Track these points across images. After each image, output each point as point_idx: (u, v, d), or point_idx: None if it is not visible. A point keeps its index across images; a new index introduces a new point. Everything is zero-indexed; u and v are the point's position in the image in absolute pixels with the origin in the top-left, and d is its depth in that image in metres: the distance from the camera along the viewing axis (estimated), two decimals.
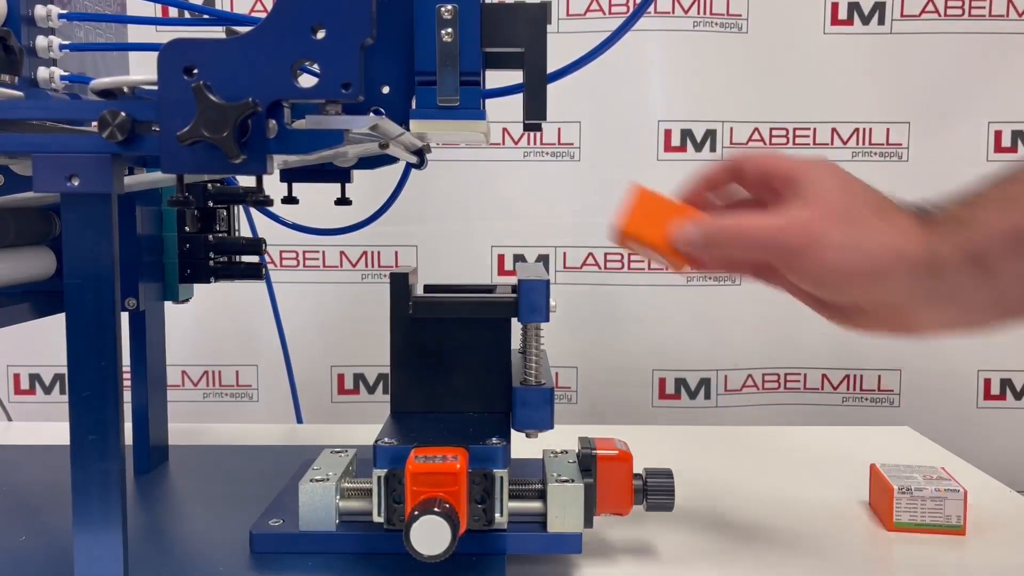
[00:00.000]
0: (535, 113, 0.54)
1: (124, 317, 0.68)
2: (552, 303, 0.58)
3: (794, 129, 1.16)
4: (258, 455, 0.82)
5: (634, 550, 0.63)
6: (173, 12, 1.00)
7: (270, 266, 1.12)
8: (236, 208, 0.79)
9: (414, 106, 0.53)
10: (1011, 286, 0.46)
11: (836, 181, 0.50)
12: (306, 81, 0.48)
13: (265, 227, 0.82)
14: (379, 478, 0.55)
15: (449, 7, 0.51)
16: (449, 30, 0.51)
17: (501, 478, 0.55)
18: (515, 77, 0.57)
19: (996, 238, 0.45)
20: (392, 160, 0.67)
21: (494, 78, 0.58)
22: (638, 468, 0.61)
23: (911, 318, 0.49)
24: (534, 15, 0.53)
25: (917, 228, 0.48)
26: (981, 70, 1.12)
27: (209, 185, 0.73)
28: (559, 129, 1.16)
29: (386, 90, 0.54)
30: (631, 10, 0.91)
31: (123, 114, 0.46)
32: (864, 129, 1.15)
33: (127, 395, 0.56)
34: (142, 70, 0.50)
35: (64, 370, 0.49)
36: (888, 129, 1.14)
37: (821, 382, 1.19)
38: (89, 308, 0.48)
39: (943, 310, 0.48)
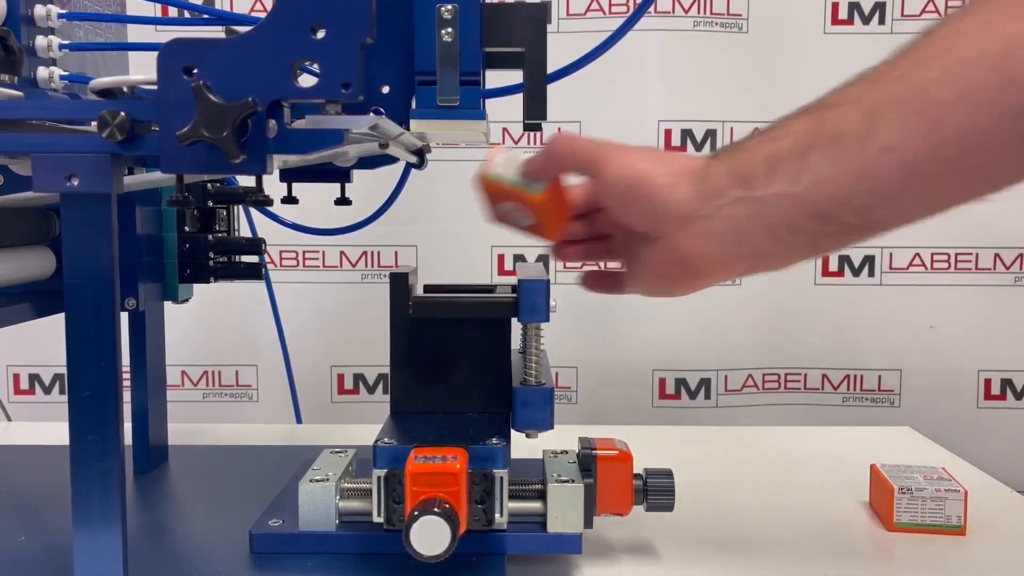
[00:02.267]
0: (535, 113, 0.54)
1: (124, 317, 0.69)
2: (552, 303, 0.58)
3: None
4: (258, 455, 0.82)
5: (634, 550, 0.63)
6: (173, 12, 1.00)
7: (270, 266, 1.12)
8: (236, 208, 0.79)
9: (414, 106, 0.53)
10: (772, 206, 0.50)
11: (628, 147, 0.56)
12: (306, 81, 0.48)
13: (265, 227, 0.82)
14: (379, 478, 0.55)
15: (449, 7, 0.51)
16: (449, 30, 0.51)
17: (501, 478, 0.55)
18: (515, 77, 0.57)
19: (757, 160, 0.51)
20: (392, 160, 0.67)
21: (494, 78, 0.58)
22: (638, 468, 0.61)
23: (697, 245, 0.54)
24: (534, 15, 0.53)
25: (700, 159, 0.55)
26: None
27: (209, 185, 0.73)
28: (559, 129, 1.16)
29: (386, 90, 0.55)
30: (631, 10, 0.91)
31: (123, 114, 0.46)
32: None
33: (127, 395, 0.56)
34: (142, 70, 0.50)
35: (64, 370, 0.49)
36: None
37: (821, 382, 1.19)
38: (89, 308, 0.48)
39: (719, 226, 0.52)
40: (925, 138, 0.46)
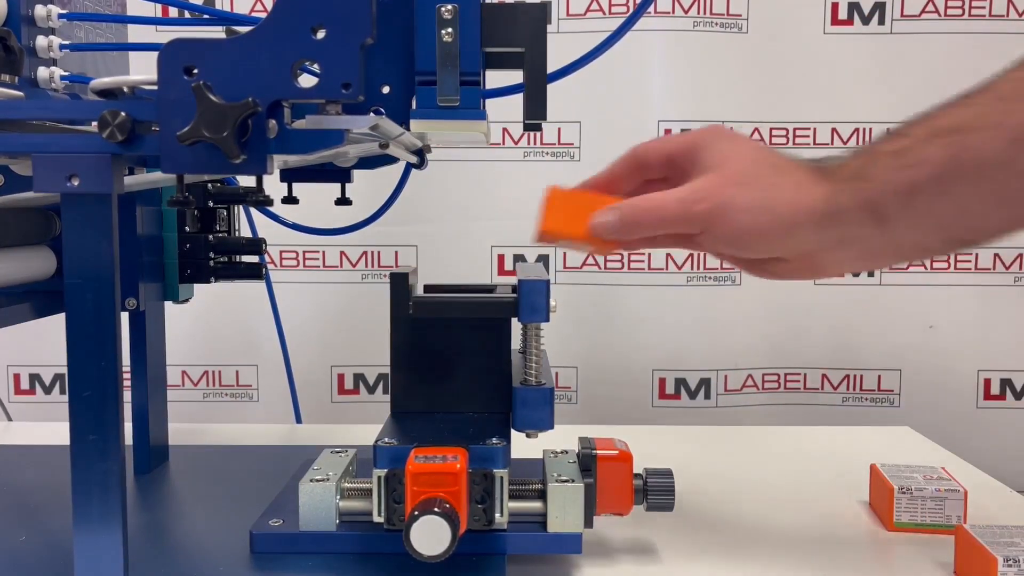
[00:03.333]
0: (535, 113, 0.54)
1: (124, 317, 0.68)
2: (552, 303, 0.58)
3: (794, 129, 1.16)
4: (258, 455, 0.82)
5: (634, 550, 0.63)
6: (173, 12, 1.00)
7: (270, 266, 1.12)
8: (236, 208, 0.79)
9: (414, 106, 0.53)
10: (905, 233, 0.50)
11: (733, 144, 0.54)
12: (306, 81, 0.48)
13: (265, 227, 0.82)
14: (379, 478, 0.55)
15: (449, 7, 0.51)
16: (449, 30, 0.51)
17: (501, 478, 0.55)
18: (515, 77, 0.57)
19: (890, 191, 0.49)
20: (392, 160, 0.67)
21: (494, 78, 0.58)
22: (638, 468, 0.61)
23: (821, 262, 0.54)
24: (534, 15, 0.53)
25: (817, 182, 0.52)
26: (981, 70, 1.12)
27: (209, 185, 0.73)
28: (559, 129, 1.16)
29: (386, 90, 0.55)
30: (631, 10, 0.91)
31: (123, 114, 0.46)
32: (864, 129, 1.15)
33: (127, 395, 0.56)
34: (142, 70, 0.50)
35: (64, 370, 0.49)
36: (888, 129, 1.14)
37: (821, 382, 1.19)
38: (89, 308, 0.48)
39: (846, 252, 0.52)
40: None
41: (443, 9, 0.51)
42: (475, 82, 0.52)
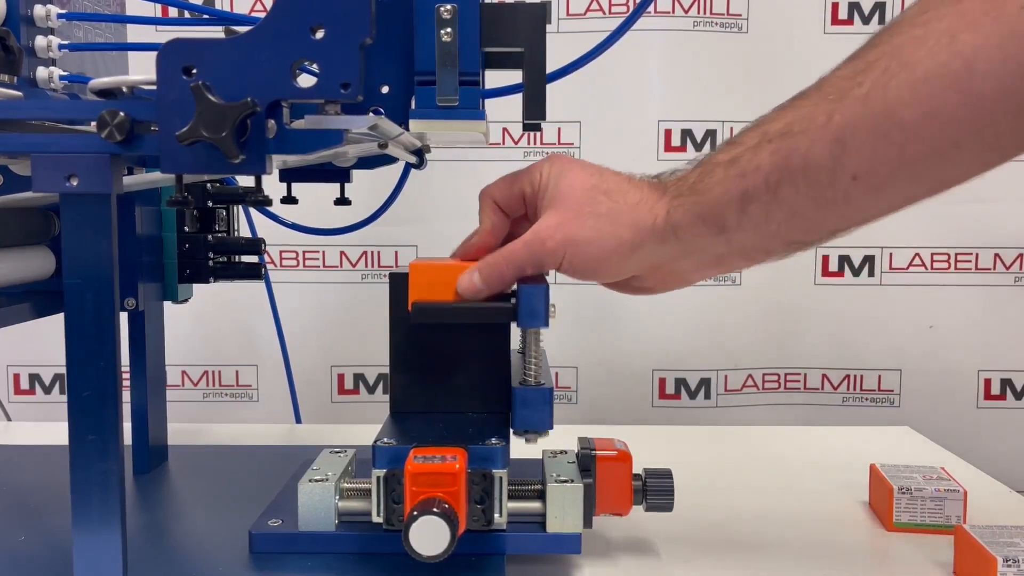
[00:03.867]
0: (535, 113, 0.54)
1: (124, 317, 0.69)
2: (552, 306, 0.58)
3: None
4: (258, 455, 0.82)
5: (634, 550, 0.63)
6: (173, 12, 1.00)
7: (270, 266, 1.12)
8: (235, 208, 0.79)
9: (414, 106, 0.53)
10: (746, 239, 0.52)
11: (570, 177, 0.56)
12: (305, 81, 0.48)
13: (265, 227, 0.82)
14: (378, 478, 0.55)
15: (449, 7, 0.51)
16: (449, 30, 0.51)
17: (500, 478, 0.55)
18: (515, 77, 0.57)
19: (724, 201, 0.51)
20: (392, 160, 0.67)
21: (494, 78, 0.57)
22: (638, 468, 0.61)
23: (673, 272, 0.57)
24: (534, 15, 0.53)
25: (655, 199, 0.54)
26: None
27: (208, 185, 0.73)
28: (559, 129, 1.16)
29: (386, 90, 0.54)
30: (631, 10, 0.91)
31: (122, 114, 0.46)
32: None
33: (127, 395, 0.56)
34: (141, 70, 0.50)
35: (64, 370, 0.49)
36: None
37: (821, 382, 1.19)
38: (89, 308, 0.48)
39: (694, 261, 0.55)
40: (893, 161, 0.46)
41: (442, 9, 0.51)
42: (474, 82, 0.52)
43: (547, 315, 0.57)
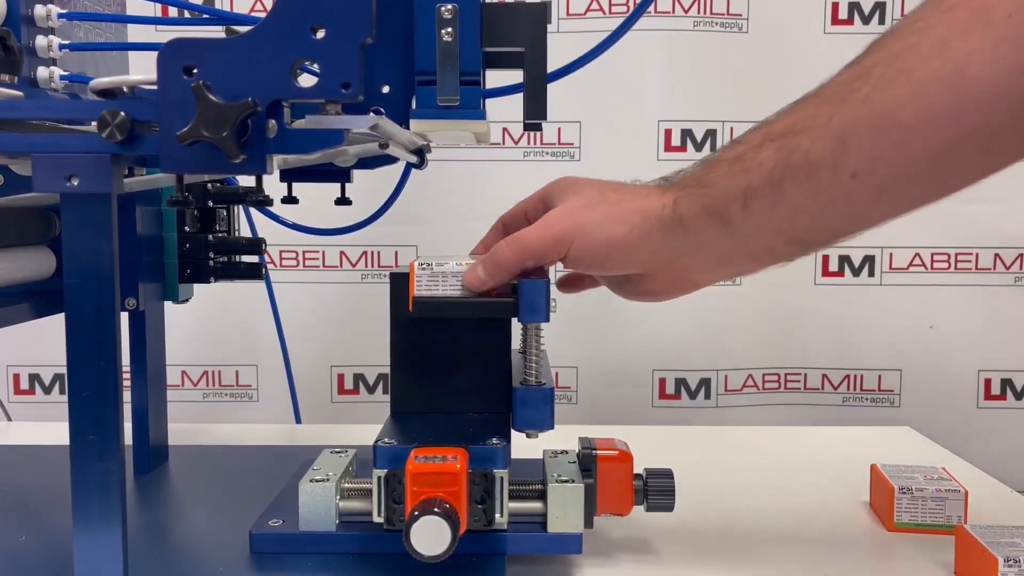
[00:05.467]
0: (535, 113, 0.54)
1: (124, 317, 0.68)
2: (552, 302, 0.58)
3: None
4: (258, 455, 0.82)
5: (634, 550, 0.63)
6: (173, 12, 1.00)
7: (270, 266, 1.12)
8: (236, 208, 0.79)
9: (414, 106, 0.53)
10: (750, 236, 0.53)
11: (578, 186, 0.59)
12: (306, 81, 0.48)
13: (265, 227, 0.82)
14: (379, 478, 0.55)
15: (449, 7, 0.51)
16: (449, 29, 0.51)
17: (501, 478, 0.55)
18: (515, 77, 0.57)
19: (728, 195, 0.52)
20: (392, 160, 0.67)
21: (494, 78, 0.57)
22: (638, 468, 0.61)
23: (681, 270, 0.57)
24: (534, 15, 0.53)
25: (662, 192, 0.55)
26: None
27: (209, 185, 0.73)
28: (559, 129, 1.16)
29: (386, 90, 0.55)
30: (631, 10, 0.91)
31: (123, 114, 0.46)
32: None
33: (127, 395, 0.56)
34: (142, 70, 0.50)
35: (64, 370, 0.49)
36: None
37: (821, 382, 1.19)
38: (89, 308, 0.48)
39: (701, 258, 0.55)
40: (892, 160, 0.48)
41: (443, 9, 0.51)
42: (475, 82, 0.52)
43: (548, 310, 0.57)
